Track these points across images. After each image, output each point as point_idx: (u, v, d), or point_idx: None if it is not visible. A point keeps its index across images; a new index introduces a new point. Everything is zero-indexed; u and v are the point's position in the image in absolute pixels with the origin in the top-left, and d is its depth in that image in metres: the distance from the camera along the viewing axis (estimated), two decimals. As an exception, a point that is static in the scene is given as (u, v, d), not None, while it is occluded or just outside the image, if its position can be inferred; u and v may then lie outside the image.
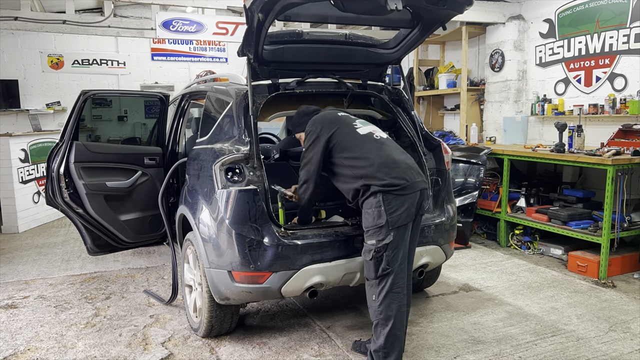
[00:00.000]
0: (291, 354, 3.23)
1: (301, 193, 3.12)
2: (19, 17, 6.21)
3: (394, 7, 2.61)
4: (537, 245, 5.52)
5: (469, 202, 5.62)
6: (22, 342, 3.45)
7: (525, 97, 6.79)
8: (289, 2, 2.70)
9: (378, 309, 2.79)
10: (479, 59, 7.68)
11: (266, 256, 2.97)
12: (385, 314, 2.78)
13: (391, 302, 2.78)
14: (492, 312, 3.89)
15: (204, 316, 3.33)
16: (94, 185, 4.07)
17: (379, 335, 2.80)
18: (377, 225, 2.78)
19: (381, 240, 2.77)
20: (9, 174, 6.61)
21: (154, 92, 4.62)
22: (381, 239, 2.77)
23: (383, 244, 2.76)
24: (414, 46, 3.58)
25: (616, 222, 4.68)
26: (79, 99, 4.07)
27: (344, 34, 3.61)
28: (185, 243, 3.60)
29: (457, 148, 6.26)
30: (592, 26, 5.74)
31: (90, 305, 4.11)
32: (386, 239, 2.76)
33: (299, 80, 3.54)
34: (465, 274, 4.81)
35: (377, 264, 2.78)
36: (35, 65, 9.03)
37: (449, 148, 3.86)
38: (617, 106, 5.39)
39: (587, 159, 4.74)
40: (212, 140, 3.50)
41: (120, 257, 5.43)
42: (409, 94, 3.97)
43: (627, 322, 3.69)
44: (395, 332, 2.79)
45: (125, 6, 9.14)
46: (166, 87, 9.68)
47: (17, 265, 5.21)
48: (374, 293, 2.82)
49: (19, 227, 6.70)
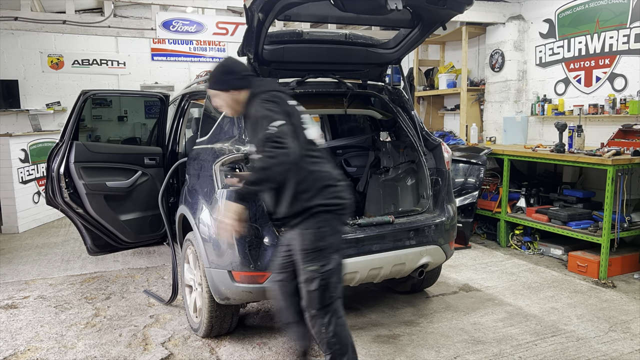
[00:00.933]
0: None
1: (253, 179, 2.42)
2: (19, 17, 6.20)
3: (394, 7, 2.61)
4: (537, 246, 5.52)
5: (469, 202, 5.62)
6: (22, 342, 3.45)
7: (525, 97, 6.79)
8: (289, 2, 2.70)
9: (332, 340, 2.46)
10: (479, 59, 7.68)
11: (266, 256, 2.97)
12: (341, 345, 2.48)
13: (342, 330, 2.49)
14: (492, 312, 3.89)
15: (204, 316, 3.33)
16: (94, 185, 4.07)
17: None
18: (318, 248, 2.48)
19: (325, 264, 2.46)
20: (9, 174, 6.61)
21: (154, 92, 4.62)
22: (324, 263, 2.46)
23: (327, 269, 2.45)
24: (414, 46, 3.59)
25: (616, 222, 4.68)
26: (79, 99, 4.07)
27: (344, 34, 3.62)
28: (185, 243, 3.60)
29: (457, 148, 6.26)
30: (592, 26, 5.74)
31: (90, 305, 4.11)
32: (330, 263, 2.47)
33: (299, 80, 3.54)
34: (466, 274, 4.81)
35: (322, 292, 2.45)
36: (35, 65, 9.03)
37: (449, 148, 3.86)
38: (617, 106, 5.39)
39: (587, 159, 4.74)
40: (212, 140, 3.50)
41: (120, 257, 5.43)
42: (409, 94, 3.97)
43: (627, 322, 3.69)
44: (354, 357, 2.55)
45: (125, 6, 9.13)
46: (166, 87, 9.68)
47: (17, 266, 5.21)
48: (322, 325, 2.46)
49: (19, 227, 6.70)
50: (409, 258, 3.35)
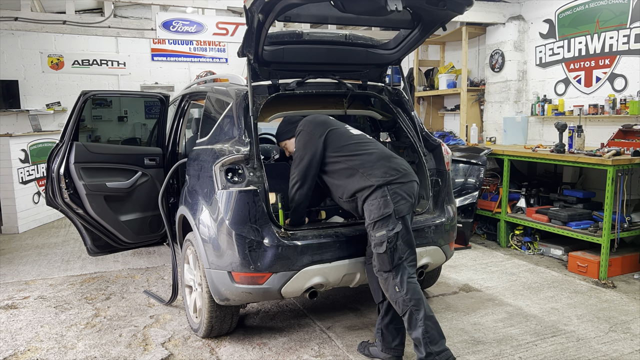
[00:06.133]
0: (291, 354, 3.23)
1: (293, 194, 3.14)
2: (19, 17, 6.21)
3: (394, 8, 2.60)
4: (537, 246, 5.52)
5: (469, 202, 5.62)
6: (22, 343, 3.45)
7: (525, 98, 6.79)
8: (289, 3, 2.69)
9: (406, 297, 2.76)
10: (479, 59, 7.68)
11: (266, 257, 2.97)
12: (414, 300, 2.76)
13: (415, 287, 2.79)
14: (492, 312, 3.89)
15: (204, 317, 3.33)
16: (94, 185, 4.07)
17: (417, 322, 2.75)
18: (383, 215, 2.80)
19: (391, 229, 2.78)
20: (9, 174, 6.61)
21: (154, 93, 4.62)
22: (391, 228, 2.78)
23: (394, 232, 2.78)
24: (414, 47, 3.58)
25: (616, 223, 4.68)
26: (79, 99, 4.07)
27: (344, 34, 3.61)
28: (185, 243, 3.60)
29: (457, 148, 6.26)
30: (592, 26, 5.74)
31: (90, 305, 4.11)
32: (396, 227, 2.78)
33: (299, 81, 3.53)
34: (466, 274, 4.81)
35: (391, 253, 2.78)
36: (36, 65, 9.04)
37: (449, 148, 3.86)
38: (617, 106, 5.39)
39: (587, 160, 4.74)
40: (212, 141, 3.50)
41: (120, 258, 5.43)
42: (409, 95, 3.97)
43: (627, 323, 3.69)
44: (429, 314, 2.78)
45: (125, 6, 9.15)
46: (166, 87, 9.69)
47: (17, 266, 5.21)
48: (395, 285, 2.79)
49: (19, 228, 6.71)
50: (409, 258, 3.34)
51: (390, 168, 2.93)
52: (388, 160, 2.99)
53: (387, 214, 2.80)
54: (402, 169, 2.98)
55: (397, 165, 2.99)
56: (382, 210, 2.81)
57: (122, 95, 7.85)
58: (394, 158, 3.05)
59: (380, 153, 3.04)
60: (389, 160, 2.99)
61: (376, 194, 2.86)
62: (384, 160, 2.97)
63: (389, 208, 2.80)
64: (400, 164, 3.02)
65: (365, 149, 3.05)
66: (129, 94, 6.16)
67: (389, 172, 2.91)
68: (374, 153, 3.01)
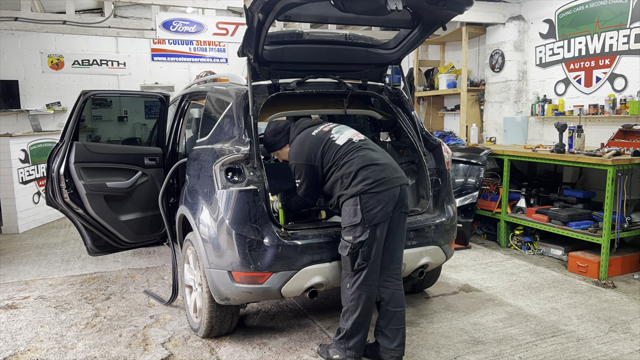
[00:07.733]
0: (291, 354, 3.23)
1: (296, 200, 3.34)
2: (19, 17, 6.21)
3: (394, 8, 2.60)
4: (537, 246, 5.52)
5: (469, 202, 5.62)
6: (22, 343, 3.45)
7: (525, 98, 6.79)
8: (289, 3, 2.69)
9: (350, 297, 2.96)
10: (479, 59, 7.68)
11: (266, 256, 2.97)
12: (355, 302, 2.94)
13: (362, 293, 2.94)
14: (492, 312, 3.89)
15: (204, 316, 3.33)
16: (94, 185, 4.06)
17: (347, 319, 2.98)
18: (352, 223, 2.90)
19: (357, 237, 2.88)
20: (9, 174, 6.61)
21: (154, 93, 4.62)
22: (357, 235, 2.88)
23: (358, 240, 2.88)
24: (414, 46, 3.58)
25: (616, 223, 4.68)
26: (79, 99, 4.07)
27: (344, 34, 3.61)
28: (186, 243, 3.60)
29: (457, 148, 6.26)
30: (592, 26, 5.74)
31: (90, 305, 4.11)
32: (362, 236, 2.88)
33: (299, 81, 3.53)
34: (466, 274, 4.81)
35: (353, 259, 2.90)
36: (36, 65, 9.04)
37: (449, 148, 3.86)
38: (617, 106, 5.39)
39: (587, 160, 4.74)
40: (212, 141, 3.50)
41: (120, 258, 5.43)
42: (409, 95, 3.97)
43: (628, 323, 3.69)
44: (362, 320, 2.97)
45: (125, 6, 9.14)
46: (166, 87, 9.69)
47: (17, 266, 5.21)
48: (348, 282, 2.97)
49: (19, 228, 6.70)
50: (409, 258, 3.35)
51: (366, 177, 2.92)
52: (367, 168, 2.95)
53: (354, 223, 2.89)
54: (380, 178, 2.93)
55: (376, 173, 2.94)
56: (351, 218, 2.91)
57: (122, 95, 7.86)
58: (375, 165, 2.98)
59: (361, 161, 2.99)
60: (367, 168, 2.96)
61: (348, 202, 2.94)
62: (362, 170, 2.95)
63: (357, 218, 2.88)
64: (380, 171, 2.96)
65: (349, 158, 3.03)
66: (129, 94, 6.17)
67: (364, 181, 2.91)
68: (354, 163, 3.00)
